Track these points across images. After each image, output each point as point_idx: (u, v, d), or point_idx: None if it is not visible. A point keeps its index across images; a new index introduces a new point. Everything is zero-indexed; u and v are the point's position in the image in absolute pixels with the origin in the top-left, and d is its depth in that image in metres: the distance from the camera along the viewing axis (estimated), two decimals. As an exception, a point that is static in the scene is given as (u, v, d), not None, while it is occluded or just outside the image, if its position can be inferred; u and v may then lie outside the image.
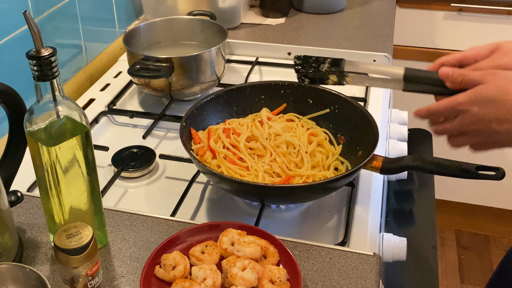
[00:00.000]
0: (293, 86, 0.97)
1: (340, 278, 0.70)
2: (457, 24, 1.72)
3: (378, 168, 0.81)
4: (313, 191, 0.80)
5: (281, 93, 0.98)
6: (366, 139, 0.87)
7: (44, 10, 1.06)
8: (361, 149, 0.88)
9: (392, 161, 0.82)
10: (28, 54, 0.61)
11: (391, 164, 0.81)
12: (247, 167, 0.84)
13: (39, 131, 0.65)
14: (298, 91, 0.97)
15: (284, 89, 0.98)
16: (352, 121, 0.92)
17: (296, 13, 1.53)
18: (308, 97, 0.97)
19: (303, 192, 0.79)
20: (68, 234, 0.63)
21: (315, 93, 0.96)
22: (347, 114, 0.93)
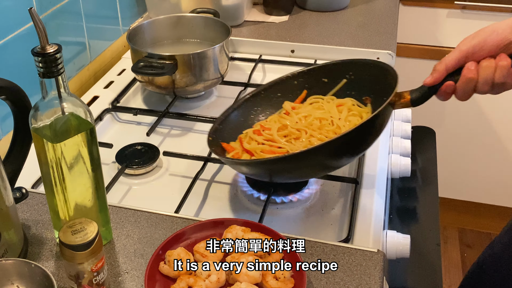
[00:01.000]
0: (304, 73, 0.95)
1: (344, 274, 0.70)
2: (460, 21, 1.72)
3: (407, 101, 0.77)
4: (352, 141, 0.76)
5: (295, 84, 0.95)
6: (388, 86, 0.83)
7: (48, 8, 1.07)
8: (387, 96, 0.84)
9: (418, 89, 0.77)
10: (34, 51, 0.61)
11: (418, 93, 0.76)
12: (286, 151, 0.82)
13: (44, 127, 0.65)
14: (311, 76, 0.95)
15: (296, 79, 0.95)
16: (370, 78, 0.89)
17: (300, 10, 1.53)
18: (321, 77, 0.94)
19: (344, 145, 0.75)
20: (73, 230, 0.63)
21: (326, 71, 0.94)
22: (362, 75, 0.90)
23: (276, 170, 0.80)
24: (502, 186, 1.95)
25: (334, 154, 0.77)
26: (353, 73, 0.92)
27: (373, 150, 0.98)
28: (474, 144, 1.91)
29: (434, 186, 1.14)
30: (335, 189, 0.91)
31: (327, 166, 0.82)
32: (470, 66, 0.69)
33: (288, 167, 0.78)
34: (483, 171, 1.96)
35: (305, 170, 0.80)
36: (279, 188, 0.89)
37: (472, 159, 1.95)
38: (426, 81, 0.73)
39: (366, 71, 0.90)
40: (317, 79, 0.95)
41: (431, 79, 0.72)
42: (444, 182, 1.63)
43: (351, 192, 0.90)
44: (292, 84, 0.96)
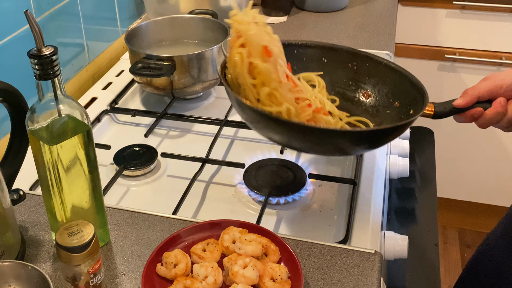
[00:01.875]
0: (305, 46, 0.90)
1: (341, 275, 0.70)
2: (459, 22, 1.72)
3: (430, 114, 0.79)
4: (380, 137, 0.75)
5: (294, 53, 0.89)
6: (400, 89, 0.84)
7: (46, 9, 1.07)
8: (396, 100, 0.85)
9: (443, 104, 0.79)
10: (30, 53, 0.61)
11: (443, 108, 0.78)
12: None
13: (41, 129, 0.65)
14: (311, 52, 0.90)
15: (297, 49, 0.90)
16: (376, 75, 0.87)
17: (298, 11, 1.53)
18: (323, 56, 0.90)
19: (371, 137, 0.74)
20: (70, 232, 0.63)
21: (329, 52, 0.90)
22: (367, 70, 0.88)
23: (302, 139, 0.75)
24: (502, 186, 1.95)
25: (358, 142, 0.75)
26: (357, 64, 0.89)
27: (371, 151, 0.98)
28: (473, 145, 1.91)
29: (433, 186, 1.14)
30: (333, 190, 0.91)
31: (342, 150, 0.79)
32: (502, 101, 0.74)
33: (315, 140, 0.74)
34: (482, 172, 1.96)
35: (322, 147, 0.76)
36: (277, 189, 0.89)
37: (470, 159, 1.95)
38: (457, 103, 0.76)
39: (373, 68, 0.88)
40: (318, 57, 0.90)
41: (463, 102, 0.76)
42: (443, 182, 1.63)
43: (349, 193, 0.90)
44: (292, 53, 0.89)
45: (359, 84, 0.89)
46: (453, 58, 1.75)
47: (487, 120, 0.75)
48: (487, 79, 0.76)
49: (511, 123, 0.75)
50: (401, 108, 0.84)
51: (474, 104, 0.75)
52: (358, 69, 0.89)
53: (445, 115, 0.79)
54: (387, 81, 0.86)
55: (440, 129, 1.81)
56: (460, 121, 0.79)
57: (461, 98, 0.76)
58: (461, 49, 1.75)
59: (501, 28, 1.70)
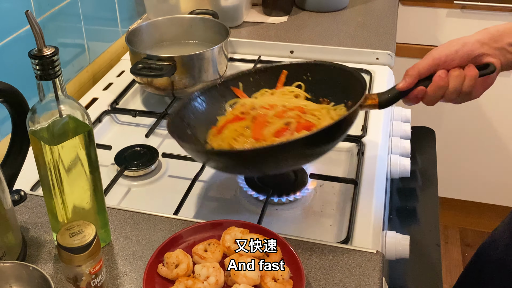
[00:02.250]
0: (261, 71, 0.93)
1: (343, 275, 0.70)
2: (460, 21, 1.72)
3: (376, 104, 0.79)
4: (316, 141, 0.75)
5: (250, 80, 0.92)
6: (351, 89, 0.84)
7: (47, 10, 1.07)
8: (349, 99, 0.86)
9: (386, 92, 0.79)
10: (30, 53, 0.61)
11: (386, 96, 0.78)
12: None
13: (41, 130, 0.65)
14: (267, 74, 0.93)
15: (253, 76, 0.93)
16: (328, 81, 0.89)
17: (299, 11, 1.53)
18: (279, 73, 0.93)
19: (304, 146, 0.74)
20: (71, 233, 0.63)
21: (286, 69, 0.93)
22: (319, 77, 0.90)
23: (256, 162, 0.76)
24: (503, 186, 1.95)
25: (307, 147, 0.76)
26: (311, 74, 0.91)
27: (373, 151, 0.98)
28: (474, 144, 1.91)
29: (434, 186, 1.14)
30: (335, 189, 0.91)
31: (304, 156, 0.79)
32: (441, 74, 0.72)
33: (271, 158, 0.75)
34: (483, 171, 1.96)
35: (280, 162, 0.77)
36: (278, 189, 0.88)
37: (472, 158, 1.94)
38: (399, 86, 0.75)
39: (323, 73, 0.90)
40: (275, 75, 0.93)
41: (405, 84, 0.74)
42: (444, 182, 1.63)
43: (350, 193, 0.89)
44: (248, 80, 0.93)
45: (319, 92, 0.90)
46: (454, 57, 1.74)
47: (431, 97, 0.74)
48: (426, 56, 0.74)
49: (458, 94, 0.73)
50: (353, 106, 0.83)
51: (417, 83, 0.74)
52: (313, 78, 0.91)
53: (391, 102, 0.78)
54: (338, 82, 0.88)
55: (441, 128, 1.81)
56: (408, 104, 0.77)
57: (403, 81, 0.75)
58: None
59: (502, 28, 1.69)
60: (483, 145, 1.90)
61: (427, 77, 0.74)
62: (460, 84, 0.72)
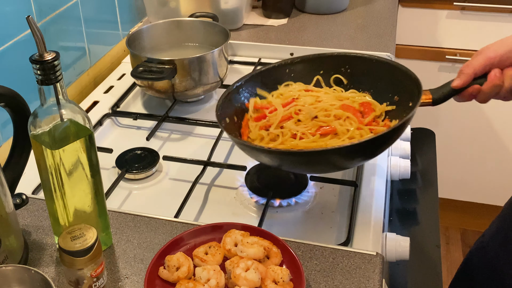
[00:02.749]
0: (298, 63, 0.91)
1: (343, 278, 0.71)
2: (460, 22, 1.72)
3: (429, 101, 0.78)
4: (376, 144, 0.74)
5: (286, 72, 0.92)
6: (396, 84, 0.83)
7: (48, 13, 1.07)
8: (395, 94, 0.84)
9: (439, 89, 0.78)
10: (32, 58, 0.62)
11: (440, 93, 0.78)
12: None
13: (43, 134, 0.66)
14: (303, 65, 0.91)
15: (288, 68, 0.92)
16: (369, 74, 0.87)
17: (298, 13, 1.54)
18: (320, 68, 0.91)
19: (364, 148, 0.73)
20: (73, 236, 0.64)
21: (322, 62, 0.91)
22: (358, 70, 0.88)
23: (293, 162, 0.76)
24: (503, 187, 1.95)
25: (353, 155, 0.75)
26: (350, 67, 0.89)
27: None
28: (474, 145, 1.91)
29: (434, 187, 1.14)
30: (335, 192, 0.92)
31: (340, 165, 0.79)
32: (497, 73, 0.74)
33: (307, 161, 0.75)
34: (483, 172, 1.96)
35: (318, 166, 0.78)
36: (279, 191, 0.89)
37: (472, 159, 1.95)
38: (455, 84, 0.76)
39: (365, 66, 0.88)
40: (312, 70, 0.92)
41: (460, 82, 0.75)
42: (444, 183, 1.63)
43: (350, 195, 0.90)
44: (284, 72, 0.92)
45: (357, 85, 0.89)
46: (454, 59, 1.75)
47: (486, 95, 0.75)
48: (478, 54, 0.75)
49: (510, 92, 0.75)
50: (400, 101, 0.84)
51: (471, 81, 0.75)
52: (352, 71, 0.89)
53: (445, 99, 0.78)
54: (382, 77, 0.86)
55: (441, 130, 1.81)
56: (460, 101, 0.78)
57: (458, 79, 0.75)
58: (461, 49, 1.75)
59: (501, 29, 1.70)
60: (483, 146, 1.90)
61: (481, 75, 0.75)
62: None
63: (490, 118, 1.85)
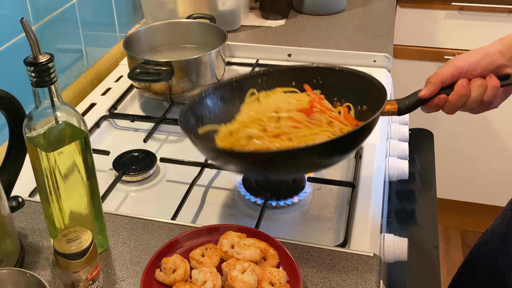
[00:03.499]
0: (270, 73, 0.90)
1: (340, 279, 0.70)
2: (458, 23, 1.72)
3: (394, 111, 0.77)
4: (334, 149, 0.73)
5: (258, 82, 0.90)
6: (365, 94, 0.83)
7: (44, 16, 1.07)
8: (364, 104, 0.84)
9: (406, 99, 0.78)
10: (26, 60, 0.62)
11: (406, 102, 0.77)
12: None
13: (38, 136, 0.65)
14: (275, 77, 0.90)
15: (261, 77, 0.90)
16: (339, 85, 0.87)
17: (296, 14, 1.53)
18: (293, 79, 0.90)
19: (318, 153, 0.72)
20: (68, 239, 0.63)
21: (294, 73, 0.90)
22: (330, 81, 0.88)
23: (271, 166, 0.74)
24: (503, 187, 1.95)
25: (327, 153, 0.74)
26: (321, 78, 0.89)
27: (370, 153, 0.98)
28: (472, 145, 1.91)
29: (433, 188, 1.14)
30: (332, 193, 0.91)
31: (317, 164, 0.78)
32: (463, 83, 0.72)
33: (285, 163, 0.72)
34: (482, 172, 1.96)
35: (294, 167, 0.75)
36: (276, 193, 0.89)
37: (470, 160, 1.94)
38: (422, 94, 0.74)
39: (335, 77, 0.88)
40: (286, 80, 0.90)
41: (427, 91, 0.74)
42: (443, 184, 1.63)
43: (348, 196, 0.89)
44: (256, 82, 0.90)
45: (329, 96, 0.88)
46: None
47: (452, 105, 0.74)
48: (448, 64, 0.74)
49: (479, 103, 0.74)
50: (368, 111, 0.83)
51: (438, 91, 0.74)
52: (323, 82, 0.89)
53: (411, 109, 0.77)
54: (352, 87, 0.86)
55: (439, 130, 1.81)
56: (427, 112, 0.77)
57: (425, 88, 0.74)
58: (460, 50, 1.75)
59: (499, 29, 1.70)
60: (482, 146, 1.90)
61: (448, 86, 0.74)
62: (482, 94, 0.73)
63: (489, 118, 1.85)
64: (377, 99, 0.79)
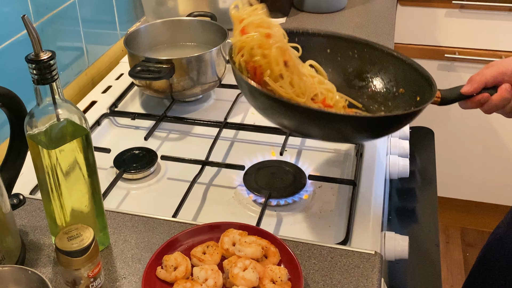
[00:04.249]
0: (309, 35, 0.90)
1: (341, 277, 0.70)
2: (458, 21, 1.72)
3: (437, 100, 0.79)
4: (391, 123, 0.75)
5: (295, 40, 0.87)
6: (402, 76, 0.84)
7: (45, 14, 1.07)
8: (401, 87, 0.85)
9: (449, 91, 0.80)
10: (27, 58, 0.62)
11: (449, 94, 0.80)
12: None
13: (39, 134, 0.65)
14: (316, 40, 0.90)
15: (298, 37, 0.88)
16: (377, 64, 0.88)
17: (297, 12, 1.53)
18: (325, 45, 0.90)
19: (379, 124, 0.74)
20: (69, 236, 0.63)
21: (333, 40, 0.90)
22: (368, 58, 0.88)
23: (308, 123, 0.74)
24: (503, 185, 1.95)
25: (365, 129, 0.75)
26: (357, 52, 0.89)
27: (371, 151, 0.98)
28: (473, 144, 1.90)
29: (433, 186, 1.14)
30: (333, 191, 0.91)
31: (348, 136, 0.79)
32: (508, 87, 0.76)
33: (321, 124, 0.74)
34: (482, 171, 1.96)
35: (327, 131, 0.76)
36: (277, 190, 0.89)
37: (471, 158, 1.94)
38: (465, 90, 0.78)
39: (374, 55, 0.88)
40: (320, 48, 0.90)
41: (470, 88, 0.77)
42: (443, 182, 1.63)
43: (349, 194, 0.90)
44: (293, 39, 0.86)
45: (362, 71, 0.89)
46: (453, 57, 1.74)
47: (493, 106, 0.77)
48: (490, 66, 0.77)
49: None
50: (405, 95, 0.84)
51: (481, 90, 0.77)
52: (360, 57, 0.89)
53: (452, 101, 0.80)
54: (390, 68, 0.87)
55: (440, 128, 1.81)
56: (466, 107, 0.80)
57: (469, 85, 0.78)
58: (460, 48, 1.74)
59: (500, 27, 1.70)
60: (483, 145, 1.90)
61: (490, 87, 0.77)
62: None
63: (489, 117, 1.85)
64: (419, 85, 0.81)
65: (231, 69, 1.26)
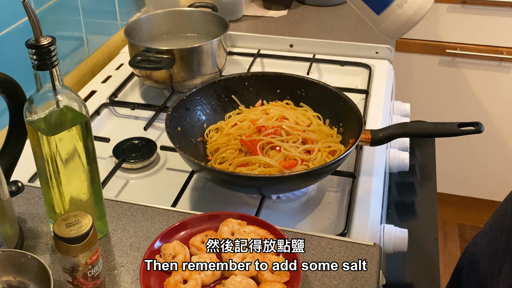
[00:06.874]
0: (257, 76, 0.99)
1: (340, 268, 0.70)
2: (460, 16, 1.71)
3: (368, 141, 0.85)
4: (311, 177, 0.80)
5: (245, 85, 0.98)
6: (344, 116, 0.90)
7: (45, 2, 1.06)
8: (342, 125, 0.91)
9: (380, 131, 0.86)
10: (27, 43, 0.61)
11: (379, 135, 0.85)
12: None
13: (39, 120, 0.65)
14: (262, 81, 0.98)
15: (247, 81, 0.99)
16: (321, 101, 0.94)
17: (298, 5, 1.53)
18: (278, 87, 0.99)
19: (297, 180, 0.79)
20: (68, 223, 0.63)
21: (281, 81, 0.98)
22: (312, 95, 0.96)
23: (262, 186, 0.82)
24: (501, 182, 1.95)
25: (304, 179, 0.80)
26: (305, 91, 0.96)
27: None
28: (473, 140, 1.90)
29: (433, 181, 1.14)
30: (333, 183, 0.91)
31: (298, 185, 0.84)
32: None
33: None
34: (482, 167, 1.96)
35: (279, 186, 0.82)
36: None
37: (471, 154, 1.94)
38: None
39: (319, 92, 0.95)
40: (269, 86, 0.99)
41: None
42: (443, 177, 1.62)
43: (348, 186, 0.89)
44: (243, 84, 0.98)
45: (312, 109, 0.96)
46: (454, 53, 1.74)
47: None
48: None
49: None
50: (344, 134, 0.90)
51: None
52: (307, 95, 0.97)
53: (384, 142, 0.87)
54: (332, 106, 0.93)
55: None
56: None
57: None
58: (462, 44, 1.74)
59: (502, 23, 1.69)
60: (482, 141, 1.90)
61: None
62: None
63: (490, 113, 1.84)
64: (354, 125, 0.86)
65: (231, 61, 1.26)
